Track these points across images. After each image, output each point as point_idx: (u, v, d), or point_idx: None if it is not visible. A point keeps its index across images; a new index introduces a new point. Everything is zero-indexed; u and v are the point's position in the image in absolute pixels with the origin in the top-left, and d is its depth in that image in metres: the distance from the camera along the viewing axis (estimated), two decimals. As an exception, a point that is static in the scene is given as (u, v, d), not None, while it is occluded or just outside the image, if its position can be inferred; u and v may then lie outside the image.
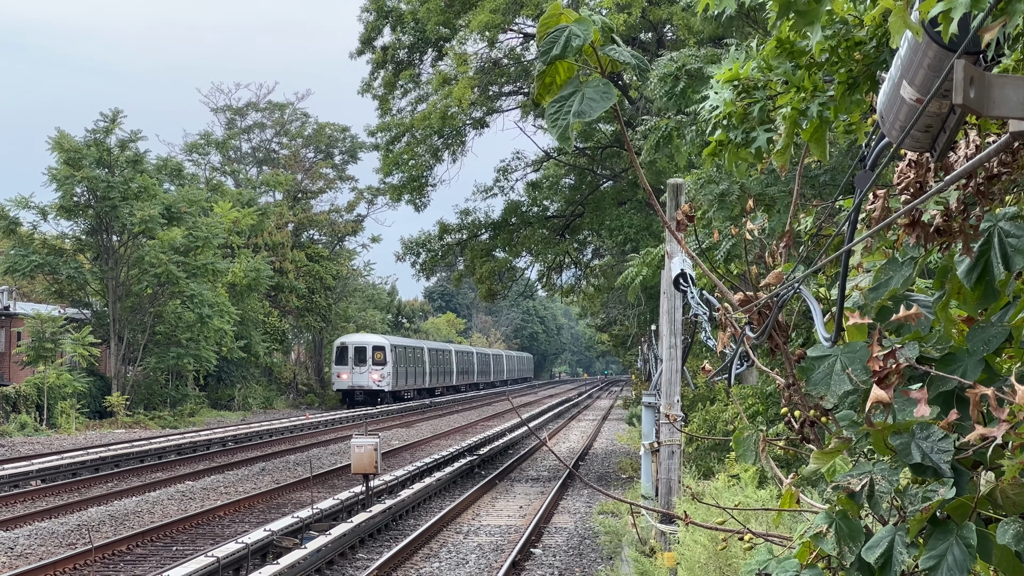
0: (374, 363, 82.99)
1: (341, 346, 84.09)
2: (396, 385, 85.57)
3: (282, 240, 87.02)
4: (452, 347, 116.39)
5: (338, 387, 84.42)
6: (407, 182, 41.56)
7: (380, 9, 41.19)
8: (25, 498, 29.36)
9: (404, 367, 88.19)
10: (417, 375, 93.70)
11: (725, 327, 5.20)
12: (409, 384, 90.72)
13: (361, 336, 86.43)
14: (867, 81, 4.65)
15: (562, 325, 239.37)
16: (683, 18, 31.61)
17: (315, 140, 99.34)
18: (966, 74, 3.08)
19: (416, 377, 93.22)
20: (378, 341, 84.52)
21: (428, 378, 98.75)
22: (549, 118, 3.74)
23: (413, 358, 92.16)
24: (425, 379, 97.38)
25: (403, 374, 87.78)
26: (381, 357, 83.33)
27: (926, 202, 3.89)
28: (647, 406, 22.90)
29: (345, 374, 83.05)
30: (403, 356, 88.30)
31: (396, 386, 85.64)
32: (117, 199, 60.84)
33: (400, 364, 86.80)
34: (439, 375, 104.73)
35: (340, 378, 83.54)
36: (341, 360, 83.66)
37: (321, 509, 24.20)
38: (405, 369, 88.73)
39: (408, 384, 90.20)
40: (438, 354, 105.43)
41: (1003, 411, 3.48)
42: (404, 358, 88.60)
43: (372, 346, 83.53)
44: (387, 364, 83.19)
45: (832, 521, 3.92)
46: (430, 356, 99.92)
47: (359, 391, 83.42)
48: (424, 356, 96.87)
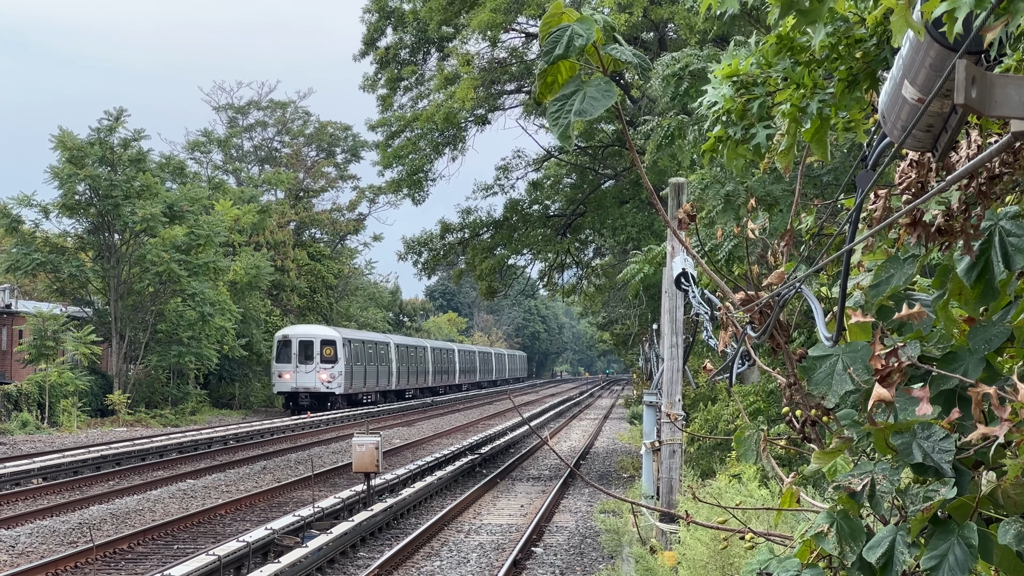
0: (323, 360, 70.95)
1: (283, 340, 72.06)
2: (351, 386, 73.69)
3: (283, 239, 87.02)
4: (428, 343, 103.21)
5: (280, 389, 72.02)
6: (406, 176, 41.56)
7: (382, 9, 41.19)
8: (26, 496, 29.37)
9: (362, 365, 76.47)
10: (381, 375, 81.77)
11: (726, 326, 5.20)
12: (369, 385, 78.97)
13: (307, 328, 74.48)
14: (867, 78, 4.65)
15: (563, 324, 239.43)
16: (685, 17, 31.58)
17: (317, 139, 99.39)
18: (968, 74, 3.08)
19: (379, 377, 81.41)
20: (328, 334, 72.66)
21: (396, 378, 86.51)
22: (550, 116, 3.74)
23: (375, 355, 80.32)
24: (392, 379, 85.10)
25: (360, 374, 75.85)
26: (331, 353, 71.17)
27: (928, 202, 3.89)
28: (648, 405, 22.90)
29: (288, 373, 70.97)
30: (360, 353, 76.32)
31: (351, 387, 73.90)
32: (119, 197, 60.87)
33: (356, 362, 74.83)
34: (411, 375, 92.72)
35: (282, 378, 71.21)
36: (283, 356, 71.59)
37: (322, 508, 24.20)
38: (363, 368, 76.74)
39: (368, 385, 78.52)
40: (409, 351, 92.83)
41: (1005, 410, 3.48)
42: (362, 355, 76.64)
43: (320, 340, 71.48)
44: (338, 362, 71.05)
45: (833, 520, 3.92)
46: (399, 353, 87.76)
47: (304, 394, 71.24)
48: (390, 353, 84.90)
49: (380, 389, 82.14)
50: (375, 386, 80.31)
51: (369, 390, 79.30)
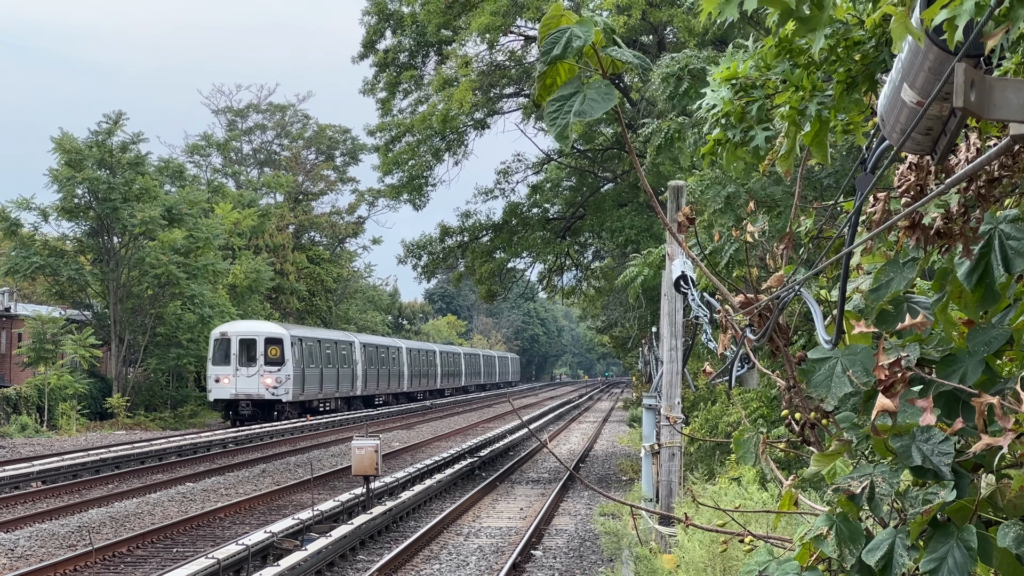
0: (267, 362, 61.06)
1: (220, 338, 61.60)
2: (302, 392, 63.80)
3: (283, 242, 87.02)
4: (403, 343, 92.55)
5: (216, 395, 61.31)
6: (407, 181, 41.57)
7: (382, 12, 41.20)
8: (26, 499, 29.35)
9: (317, 367, 66.75)
10: (343, 379, 71.96)
11: (726, 329, 5.20)
12: (327, 390, 69.09)
13: (249, 324, 63.98)
14: (866, 81, 4.66)
15: (563, 327, 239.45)
16: (684, 20, 31.60)
17: (316, 142, 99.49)
18: (967, 77, 3.08)
19: (341, 381, 71.52)
20: (273, 331, 62.59)
21: (362, 382, 76.48)
22: (548, 117, 3.74)
23: (335, 356, 70.41)
24: (356, 384, 75.22)
25: (314, 377, 66.18)
26: (277, 354, 61.34)
27: (927, 205, 3.89)
28: (648, 408, 22.90)
29: (226, 377, 60.64)
30: (315, 353, 66.50)
31: (302, 394, 63.86)
32: (118, 200, 60.90)
33: (309, 363, 65.29)
34: (382, 379, 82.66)
35: (219, 383, 60.82)
36: (221, 358, 61.19)
37: (322, 511, 24.19)
38: (319, 370, 67.05)
39: (325, 391, 68.68)
40: (380, 352, 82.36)
41: (1009, 420, 3.48)
42: (317, 355, 66.85)
43: (265, 338, 61.62)
44: (286, 363, 61.23)
45: (833, 523, 3.93)
46: (366, 354, 77.59)
47: (245, 401, 61.02)
48: (355, 354, 74.76)
49: (342, 395, 72.62)
50: (335, 391, 70.65)
51: (328, 396, 69.62)
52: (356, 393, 75.76)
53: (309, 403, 66.31)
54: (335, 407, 71.77)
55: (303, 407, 65.30)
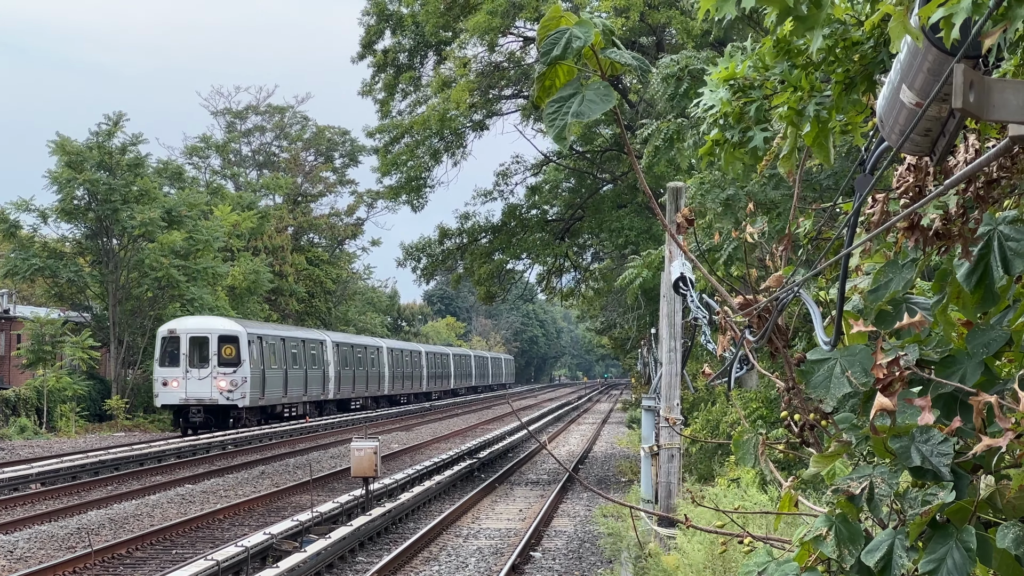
0: (221, 363, 54.79)
1: (169, 336, 55.46)
2: (262, 396, 57.34)
3: (282, 243, 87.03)
4: (384, 343, 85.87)
5: (164, 401, 55.16)
6: (405, 183, 41.59)
7: (381, 13, 41.23)
8: (25, 501, 29.34)
9: (280, 369, 60.32)
10: (313, 382, 65.63)
11: (725, 330, 5.20)
12: (293, 394, 62.50)
13: (201, 321, 57.34)
14: (864, 81, 4.65)
15: (562, 328, 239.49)
16: (682, 21, 31.65)
17: (315, 143, 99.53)
18: (966, 78, 3.08)
19: (310, 384, 65.26)
20: (228, 328, 56.09)
21: (335, 385, 70.19)
22: (547, 118, 3.74)
23: (302, 356, 64.18)
24: (329, 387, 68.88)
25: (276, 380, 59.55)
26: (232, 353, 54.98)
27: (925, 206, 3.89)
28: (647, 409, 22.90)
29: (175, 380, 54.47)
30: (277, 353, 59.77)
31: (262, 398, 57.42)
32: (118, 202, 60.90)
33: (271, 364, 58.75)
34: (360, 381, 76.50)
35: (167, 387, 54.55)
36: (169, 358, 55.04)
37: (321, 512, 24.19)
38: (283, 372, 60.58)
39: (291, 394, 62.08)
40: (356, 352, 76.08)
41: (1007, 420, 3.48)
42: (280, 355, 60.16)
43: (218, 336, 55.30)
44: (242, 364, 54.77)
45: (832, 524, 3.93)
46: (340, 355, 71.30)
47: (196, 407, 54.57)
48: (325, 354, 68.48)
49: (311, 399, 66.11)
50: (302, 395, 64.06)
51: (293, 400, 63.01)
52: (328, 397, 69.20)
53: (272, 408, 60.26)
54: (304, 412, 64.85)
55: (264, 413, 59.47)
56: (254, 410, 57.17)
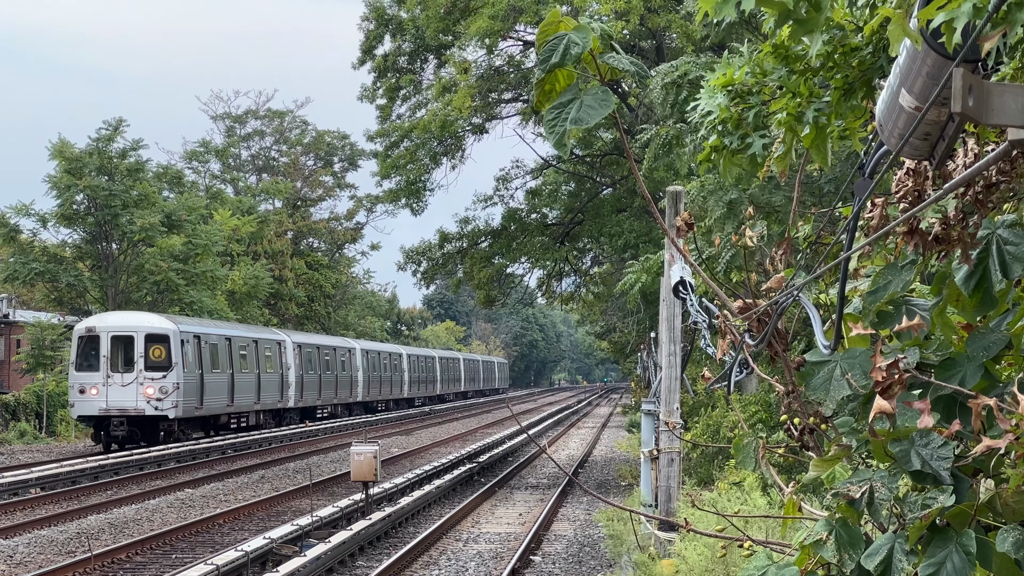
0: (149, 366, 46.73)
1: (87, 335, 47.32)
2: (200, 406, 49.18)
3: (281, 248, 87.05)
4: (357, 344, 77.47)
5: (81, 411, 47.11)
6: (405, 186, 41.61)
7: (380, 17, 41.23)
8: (24, 506, 29.33)
9: (224, 373, 52.07)
10: (269, 388, 57.54)
11: (724, 334, 5.20)
12: (242, 402, 54.18)
13: (125, 317, 49.14)
14: (863, 87, 4.66)
15: (561, 332, 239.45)
16: (682, 25, 31.66)
17: (314, 148, 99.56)
18: (965, 82, 3.08)
19: (265, 390, 57.04)
20: (157, 325, 47.81)
21: (297, 391, 62.17)
22: (546, 124, 3.75)
23: (253, 359, 55.86)
24: (286, 393, 60.55)
25: (219, 386, 51.26)
26: (162, 355, 46.96)
27: (924, 210, 3.90)
28: (646, 413, 22.89)
29: (94, 387, 46.33)
30: (218, 355, 51.83)
31: (200, 407, 49.25)
32: (117, 207, 60.89)
33: (210, 368, 50.47)
34: (328, 387, 68.59)
35: (85, 394, 46.35)
36: (87, 362, 47.03)
37: (320, 517, 24.18)
38: (228, 377, 52.34)
39: (239, 402, 53.73)
40: (324, 354, 68.04)
41: (1007, 421, 3.48)
42: (221, 358, 52.03)
43: (145, 335, 47.14)
44: (173, 368, 46.78)
45: (832, 528, 3.93)
46: (303, 357, 63.63)
47: (118, 419, 46.01)
48: (286, 356, 60.66)
49: (266, 407, 57.87)
50: (254, 403, 55.79)
51: (243, 409, 54.77)
52: (288, 404, 61.29)
53: (214, 419, 52.50)
54: (256, 422, 56.82)
55: (205, 424, 51.90)
56: (191, 422, 49.50)
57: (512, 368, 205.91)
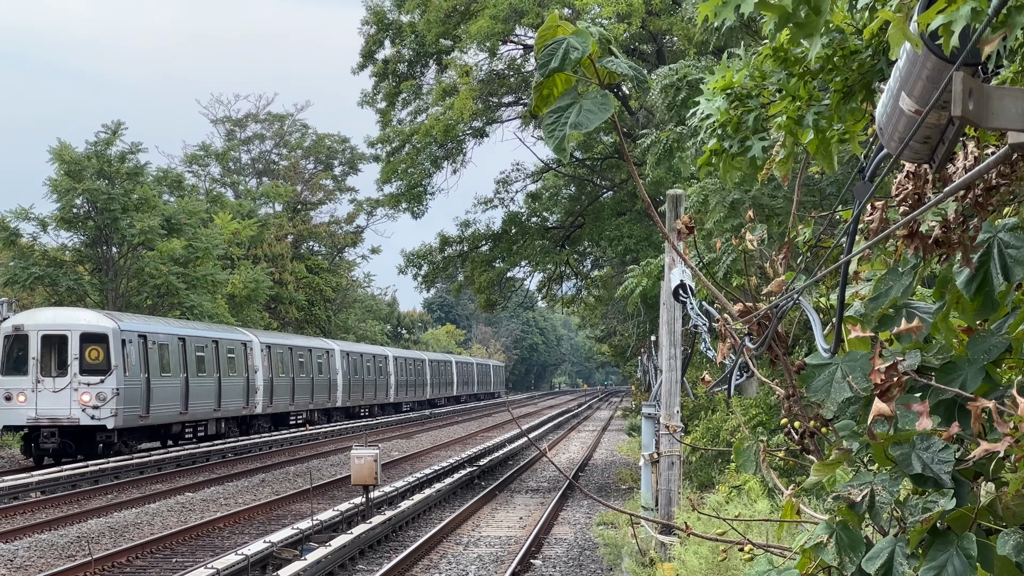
0: (84, 370, 41.37)
1: (15, 335, 42.09)
2: (145, 413, 43.60)
3: (282, 251, 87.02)
4: (336, 346, 71.96)
5: (8, 421, 41.77)
6: (406, 190, 41.63)
7: (380, 22, 41.26)
8: (24, 510, 29.32)
9: (177, 377, 46.60)
10: (231, 393, 52.11)
11: (725, 338, 5.20)
12: (198, 409, 48.50)
13: (57, 314, 44.06)
14: (863, 90, 4.66)
15: (562, 336, 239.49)
16: (683, 28, 31.64)
17: (315, 151, 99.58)
18: (965, 86, 3.08)
19: (227, 396, 51.50)
20: (94, 324, 42.42)
21: (265, 396, 56.44)
22: (546, 129, 3.74)
23: (213, 361, 50.64)
24: (254, 398, 55.03)
25: (169, 391, 45.73)
26: (100, 357, 41.70)
27: (925, 213, 3.89)
28: (647, 417, 22.89)
29: (22, 393, 41.25)
30: (168, 357, 46.25)
31: (146, 415, 43.69)
32: (117, 210, 60.90)
33: (159, 372, 45.01)
34: (300, 392, 62.55)
35: (13, 401, 41.17)
36: (15, 364, 41.90)
37: (321, 520, 24.18)
38: (180, 381, 46.83)
39: (194, 410, 48.06)
40: (298, 356, 62.63)
41: (1006, 424, 3.48)
42: (173, 360, 46.61)
43: (80, 334, 41.81)
44: (113, 371, 41.23)
45: (833, 531, 3.92)
46: (272, 358, 58.10)
47: (49, 429, 40.80)
48: (252, 358, 55.35)
49: (229, 414, 52.46)
50: (214, 410, 50.37)
51: (201, 417, 49.41)
52: (256, 411, 55.55)
53: (164, 428, 47.09)
54: (217, 431, 51.10)
55: (153, 434, 46.88)
56: (135, 432, 43.96)
57: (512, 371, 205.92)
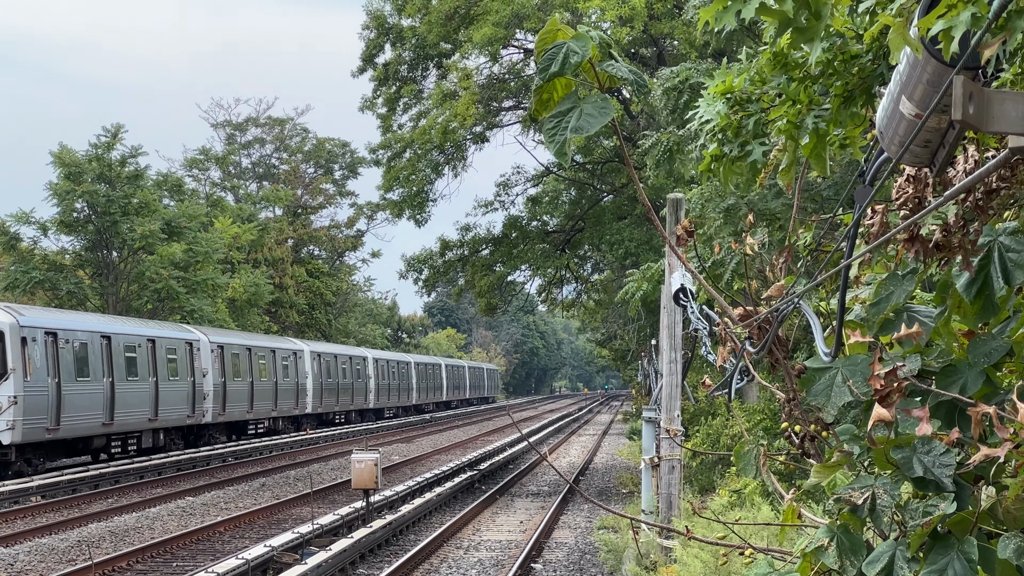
0: None
1: None
2: (55, 425, 37.04)
3: (282, 255, 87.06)
4: (306, 347, 65.21)
5: None
6: (408, 197, 41.61)
7: (380, 26, 41.27)
8: (25, 514, 29.30)
9: (98, 382, 39.91)
10: (171, 400, 45.26)
11: (725, 342, 5.20)
12: (127, 419, 41.76)
13: None
14: (863, 94, 4.66)
15: (562, 340, 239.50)
16: (684, 32, 31.64)
17: (315, 155, 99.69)
18: (965, 90, 3.08)
19: (165, 404, 44.68)
20: None
21: (213, 402, 49.60)
22: (546, 133, 3.74)
23: (150, 363, 44.08)
24: (203, 405, 48.56)
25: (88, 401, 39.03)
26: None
27: (925, 217, 3.90)
28: (647, 421, 22.89)
29: None
30: (89, 358, 39.49)
31: (56, 428, 37.11)
32: (117, 214, 60.95)
33: (72, 376, 38.21)
34: (263, 398, 55.82)
35: None
36: None
37: (321, 524, 24.17)
38: (104, 386, 40.10)
39: (119, 419, 41.09)
40: (257, 357, 55.63)
41: (1006, 430, 3.48)
42: (94, 362, 39.80)
43: None
44: (9, 376, 35.18)
45: (834, 535, 3.92)
46: (226, 361, 51.37)
47: None
48: (200, 360, 48.81)
49: (172, 424, 46.02)
50: (150, 419, 43.83)
51: (131, 428, 42.61)
52: (206, 419, 49.08)
53: (83, 442, 40.18)
54: (155, 443, 44.92)
55: (68, 449, 39.76)
56: (40, 448, 37.37)
57: (513, 375, 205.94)
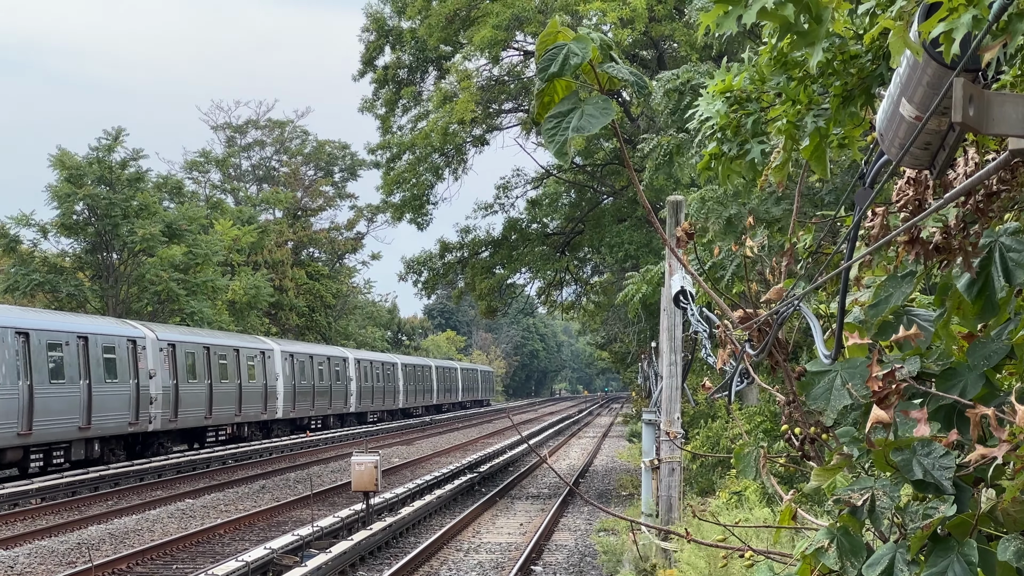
0: None
1: None
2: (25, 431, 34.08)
3: (282, 258, 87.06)
4: (276, 346, 59.77)
5: None
6: (408, 200, 41.59)
7: (380, 28, 41.27)
8: (25, 516, 29.30)
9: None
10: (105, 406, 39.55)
11: (725, 344, 5.20)
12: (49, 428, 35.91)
13: None
14: (863, 95, 4.65)
15: (562, 342, 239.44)
16: (685, 34, 31.65)
17: (315, 158, 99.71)
18: (965, 92, 3.08)
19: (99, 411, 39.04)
20: None
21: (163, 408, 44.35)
22: (546, 133, 3.74)
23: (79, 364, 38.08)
24: (146, 410, 42.92)
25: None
26: None
27: (925, 219, 3.89)
28: (647, 423, 22.88)
29: None
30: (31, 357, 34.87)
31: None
32: (118, 216, 60.96)
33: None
34: (223, 402, 50.77)
35: None
36: None
37: (321, 527, 24.16)
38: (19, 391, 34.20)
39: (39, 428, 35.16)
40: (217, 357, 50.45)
41: (1004, 431, 3.48)
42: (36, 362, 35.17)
43: None
44: None
45: (834, 537, 3.92)
46: (176, 361, 46.06)
47: None
48: (144, 360, 43.13)
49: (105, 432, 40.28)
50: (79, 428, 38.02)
51: (55, 438, 36.68)
52: (152, 427, 43.73)
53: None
54: (87, 454, 39.17)
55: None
56: None
57: (513, 378, 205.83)
